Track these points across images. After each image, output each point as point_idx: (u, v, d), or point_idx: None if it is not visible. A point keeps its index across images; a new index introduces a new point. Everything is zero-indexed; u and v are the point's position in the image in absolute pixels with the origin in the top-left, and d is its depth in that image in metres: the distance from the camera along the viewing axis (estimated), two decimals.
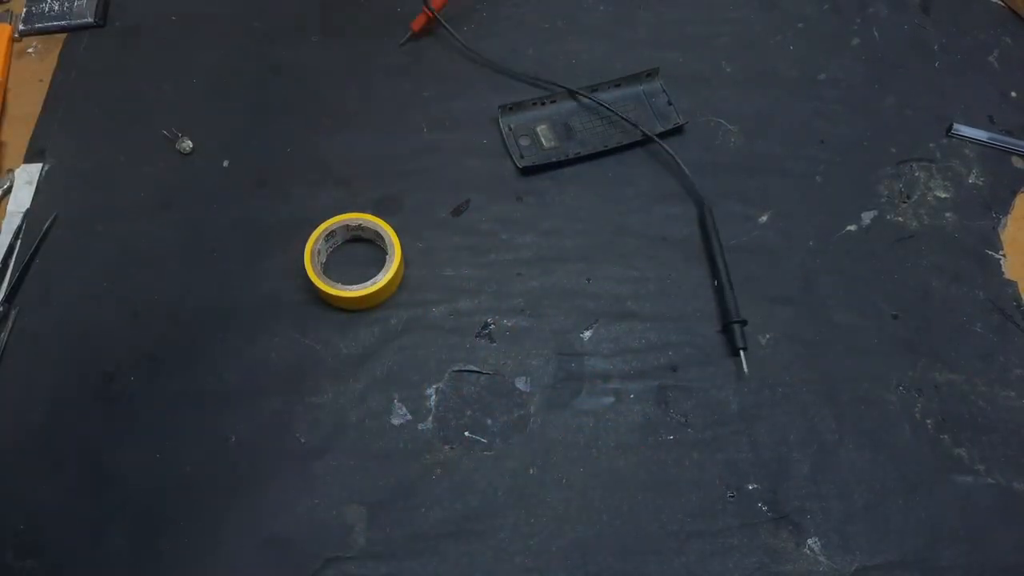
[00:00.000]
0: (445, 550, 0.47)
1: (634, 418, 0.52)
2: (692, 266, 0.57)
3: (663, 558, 0.47)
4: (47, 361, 0.52)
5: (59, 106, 0.62)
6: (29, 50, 0.66)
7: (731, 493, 0.49)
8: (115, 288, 0.55)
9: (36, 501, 0.48)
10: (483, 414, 0.51)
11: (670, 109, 0.63)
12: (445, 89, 0.64)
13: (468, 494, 0.49)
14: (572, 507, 0.49)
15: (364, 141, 0.61)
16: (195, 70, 0.64)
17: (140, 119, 0.62)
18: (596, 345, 0.54)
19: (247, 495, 0.48)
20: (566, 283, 0.56)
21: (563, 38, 0.67)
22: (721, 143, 0.62)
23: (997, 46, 0.68)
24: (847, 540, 0.48)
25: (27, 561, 0.46)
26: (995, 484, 0.50)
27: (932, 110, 0.64)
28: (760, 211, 0.59)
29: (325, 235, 0.54)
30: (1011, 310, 0.56)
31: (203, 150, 0.61)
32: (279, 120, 0.62)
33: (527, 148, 0.61)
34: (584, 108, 0.63)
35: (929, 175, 0.61)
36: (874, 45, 0.68)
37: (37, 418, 0.50)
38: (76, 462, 0.49)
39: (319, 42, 0.66)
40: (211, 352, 0.53)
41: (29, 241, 0.56)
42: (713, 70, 0.66)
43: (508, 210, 0.59)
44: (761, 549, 0.48)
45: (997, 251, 0.58)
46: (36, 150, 0.61)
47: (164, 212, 0.58)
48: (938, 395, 0.53)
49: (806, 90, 0.65)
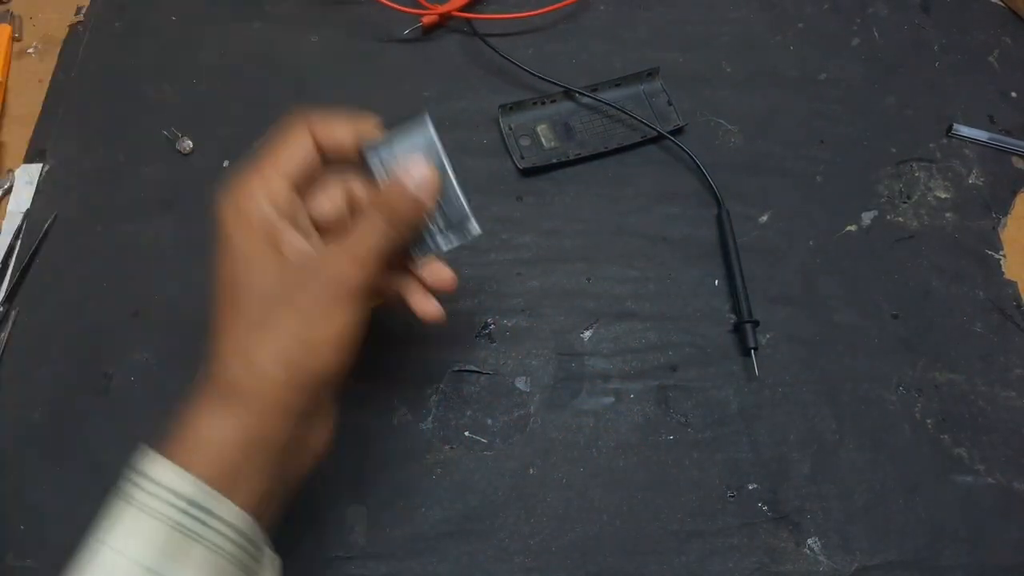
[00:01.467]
0: (445, 550, 0.47)
1: (634, 418, 0.52)
2: (693, 266, 0.57)
3: (663, 558, 0.47)
4: (47, 361, 0.52)
5: (59, 106, 0.62)
6: (29, 50, 0.66)
7: (731, 493, 0.49)
8: (116, 288, 0.55)
9: (36, 501, 0.48)
10: (483, 414, 0.51)
11: (670, 109, 0.63)
12: (445, 89, 0.64)
13: (468, 494, 0.49)
14: (572, 507, 0.49)
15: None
16: (195, 70, 0.64)
17: (140, 119, 0.62)
18: (596, 345, 0.54)
19: None
20: (566, 283, 0.56)
21: (563, 38, 0.67)
22: (721, 143, 0.62)
23: (997, 46, 0.68)
24: (847, 540, 0.48)
25: (27, 561, 0.46)
26: (995, 484, 0.50)
27: (932, 110, 0.64)
28: (760, 211, 0.59)
29: None
30: (1011, 310, 0.56)
31: (203, 150, 0.61)
32: (279, 120, 0.62)
33: (527, 148, 0.61)
34: (584, 108, 0.63)
35: (929, 175, 0.61)
36: (874, 45, 0.68)
37: (37, 418, 0.50)
38: (76, 462, 0.49)
39: (319, 41, 0.66)
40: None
41: (29, 241, 0.56)
42: (713, 70, 0.66)
43: (508, 210, 0.59)
44: (761, 549, 0.48)
45: (997, 251, 0.58)
46: (36, 150, 0.61)
47: (165, 212, 0.58)
48: (938, 395, 0.53)
49: (806, 90, 0.65)
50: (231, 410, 0.34)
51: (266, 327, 0.35)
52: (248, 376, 0.34)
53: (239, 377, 0.34)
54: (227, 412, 0.34)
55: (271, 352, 0.35)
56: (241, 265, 0.36)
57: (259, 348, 0.35)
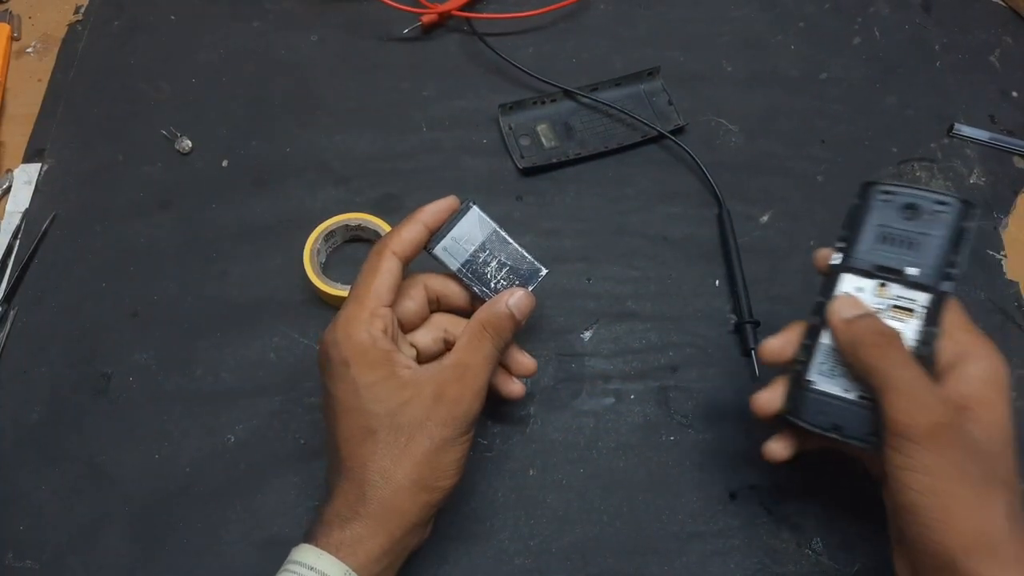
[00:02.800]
0: (445, 551, 0.47)
1: (634, 419, 0.51)
2: (693, 266, 0.57)
3: (664, 559, 0.47)
4: (46, 361, 0.52)
5: (58, 106, 0.62)
6: (28, 49, 0.66)
7: (732, 494, 0.49)
8: (114, 288, 0.55)
9: (36, 501, 0.48)
10: (483, 415, 0.51)
11: (671, 109, 0.62)
12: (445, 88, 0.64)
13: (468, 495, 0.49)
14: (572, 508, 0.49)
15: (364, 141, 0.61)
16: (195, 70, 0.64)
17: (139, 119, 0.62)
18: (596, 345, 0.54)
19: (246, 496, 0.48)
20: (566, 283, 0.56)
21: (563, 37, 0.67)
22: (722, 143, 0.62)
23: (999, 45, 0.68)
24: (848, 541, 0.48)
25: (27, 561, 0.46)
26: None
27: (933, 110, 0.64)
28: (761, 211, 0.59)
29: (324, 235, 0.54)
30: (1012, 310, 0.56)
31: (202, 150, 0.60)
32: (278, 119, 0.62)
33: (527, 148, 0.61)
34: (585, 108, 0.63)
35: (930, 175, 0.61)
36: (875, 44, 0.68)
37: (36, 418, 0.50)
38: (75, 462, 0.49)
39: (319, 41, 0.66)
40: (210, 352, 0.53)
41: (28, 241, 0.56)
42: (714, 69, 0.66)
43: (508, 210, 0.59)
44: (762, 550, 0.48)
45: (998, 251, 0.58)
46: (35, 150, 0.61)
47: (163, 212, 0.58)
48: None
49: (807, 89, 0.65)
50: (378, 526, 0.38)
51: (407, 452, 0.39)
52: (393, 497, 0.38)
53: (384, 498, 0.38)
54: (375, 527, 0.38)
55: (411, 476, 0.39)
56: (365, 392, 0.39)
57: (401, 472, 0.38)
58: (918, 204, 0.40)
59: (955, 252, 0.39)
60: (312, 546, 0.37)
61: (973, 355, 0.39)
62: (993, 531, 0.34)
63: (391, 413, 0.39)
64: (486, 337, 0.41)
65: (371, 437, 0.39)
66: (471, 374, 0.41)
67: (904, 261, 0.40)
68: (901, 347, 0.38)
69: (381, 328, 0.41)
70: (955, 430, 0.35)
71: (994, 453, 0.36)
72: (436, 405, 0.39)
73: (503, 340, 0.42)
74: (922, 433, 0.35)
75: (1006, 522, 0.34)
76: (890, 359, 0.38)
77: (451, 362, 0.41)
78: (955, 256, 0.39)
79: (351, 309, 0.41)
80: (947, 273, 0.39)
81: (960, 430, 0.36)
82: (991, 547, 0.34)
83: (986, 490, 0.35)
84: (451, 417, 0.39)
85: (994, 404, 0.37)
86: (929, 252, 0.40)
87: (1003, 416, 0.37)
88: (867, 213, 0.42)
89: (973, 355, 0.39)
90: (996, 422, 0.37)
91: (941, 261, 0.39)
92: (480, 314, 0.42)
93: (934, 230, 0.40)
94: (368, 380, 0.39)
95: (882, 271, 0.41)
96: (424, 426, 0.39)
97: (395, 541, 0.38)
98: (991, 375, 0.38)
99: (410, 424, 0.39)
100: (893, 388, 0.37)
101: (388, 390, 0.39)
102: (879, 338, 0.38)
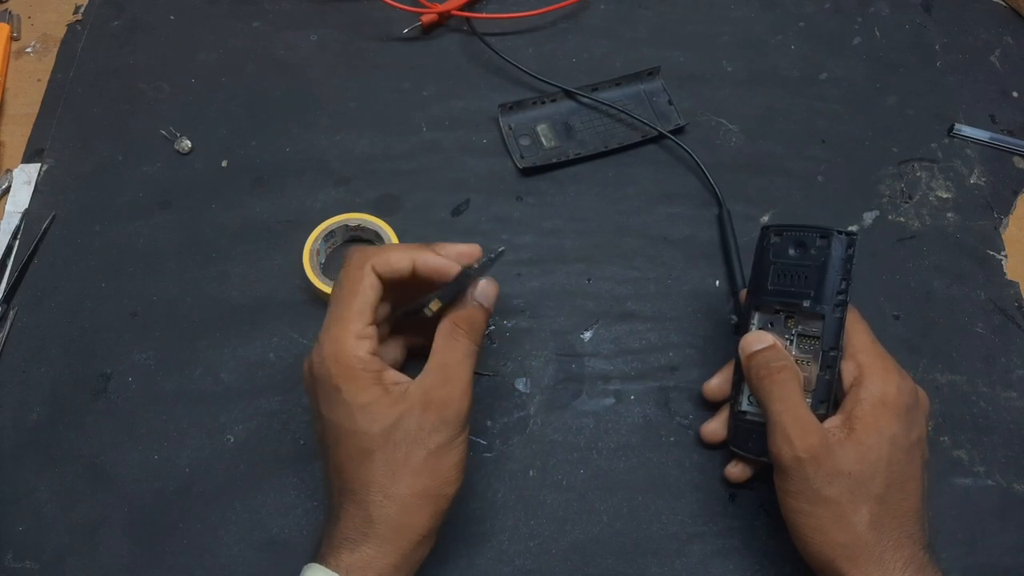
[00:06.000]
0: (445, 551, 0.47)
1: (635, 419, 0.51)
2: (693, 266, 0.57)
3: (664, 560, 0.47)
4: (45, 361, 0.52)
5: (57, 106, 0.62)
6: (28, 49, 0.66)
7: (732, 494, 0.49)
8: (114, 288, 0.55)
9: (36, 501, 0.48)
10: (483, 415, 0.51)
11: (671, 109, 0.62)
12: (445, 88, 0.64)
13: (468, 496, 0.49)
14: (572, 509, 0.49)
15: (363, 141, 0.61)
16: (194, 70, 0.64)
17: (139, 119, 0.62)
18: (596, 346, 0.54)
19: (246, 496, 0.48)
20: (566, 283, 0.56)
21: (563, 37, 0.67)
22: (722, 143, 0.62)
23: (999, 45, 0.68)
24: None
25: (27, 562, 0.46)
26: (995, 485, 0.50)
27: (934, 110, 0.64)
28: (762, 211, 0.59)
29: (324, 235, 0.54)
30: (1013, 311, 0.56)
31: (202, 150, 0.60)
32: (278, 120, 0.62)
33: (527, 148, 0.61)
34: (585, 108, 0.63)
35: (931, 175, 0.61)
36: (875, 44, 0.67)
37: (36, 418, 0.50)
38: (75, 462, 0.49)
39: (318, 41, 0.66)
40: (209, 352, 0.53)
41: (28, 241, 0.56)
42: (714, 69, 0.66)
43: (508, 210, 0.59)
44: (762, 551, 0.48)
45: (999, 251, 0.58)
46: (34, 150, 0.60)
47: (163, 212, 0.58)
48: (939, 396, 0.53)
49: (807, 90, 0.65)
50: (388, 545, 0.38)
51: (407, 466, 0.39)
52: (400, 515, 0.38)
53: (391, 516, 0.38)
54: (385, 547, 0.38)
55: (414, 489, 0.39)
56: (360, 414, 0.39)
57: (404, 487, 0.39)
58: (805, 241, 0.45)
59: (843, 280, 0.44)
60: (323, 567, 0.37)
61: (868, 377, 0.43)
62: (855, 542, 0.39)
63: (386, 431, 0.39)
64: (460, 334, 0.41)
65: (369, 457, 0.39)
66: (453, 373, 0.40)
67: (801, 294, 0.44)
68: (785, 379, 0.42)
69: (369, 350, 0.41)
70: (819, 460, 0.40)
71: (865, 473, 0.40)
72: (426, 412, 0.39)
73: (478, 333, 0.42)
74: (790, 463, 0.40)
75: (869, 532, 0.39)
76: (769, 392, 0.42)
77: (432, 366, 0.41)
78: (843, 284, 0.44)
79: (335, 331, 0.41)
80: (839, 300, 0.44)
81: (827, 457, 0.40)
82: (854, 556, 0.39)
83: (852, 507, 0.39)
84: (442, 421, 0.39)
85: (877, 426, 0.41)
86: (820, 283, 0.44)
87: (882, 438, 0.40)
88: (766, 254, 0.46)
89: (868, 377, 0.43)
90: (873, 445, 0.40)
91: (832, 290, 0.44)
92: (449, 314, 0.42)
93: (821, 262, 0.44)
94: (362, 402, 0.39)
95: (784, 306, 0.45)
96: (418, 436, 0.39)
97: (405, 557, 0.38)
98: (879, 397, 0.42)
99: (405, 438, 0.39)
100: (769, 419, 0.42)
101: (382, 409, 0.39)
102: (765, 371, 0.43)
